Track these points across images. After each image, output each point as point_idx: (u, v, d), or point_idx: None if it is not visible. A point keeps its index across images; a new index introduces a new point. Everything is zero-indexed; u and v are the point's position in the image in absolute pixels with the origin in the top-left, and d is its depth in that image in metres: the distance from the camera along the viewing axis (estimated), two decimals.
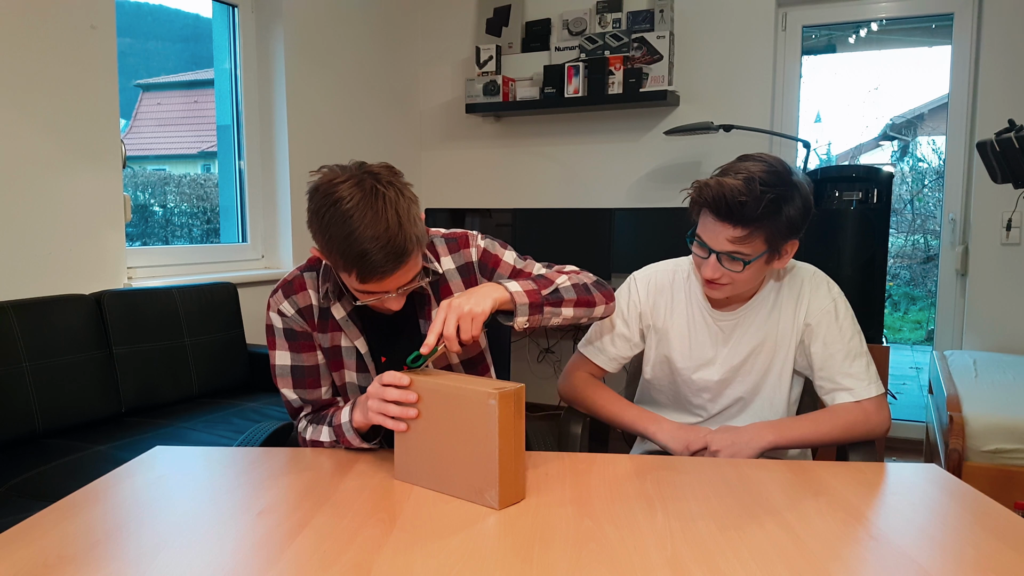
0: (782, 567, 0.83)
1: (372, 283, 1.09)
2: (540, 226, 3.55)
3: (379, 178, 1.08)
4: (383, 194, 1.06)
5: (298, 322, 1.28)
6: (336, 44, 3.32)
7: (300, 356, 1.29)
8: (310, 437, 1.28)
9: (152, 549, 0.86)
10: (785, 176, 1.26)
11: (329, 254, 1.09)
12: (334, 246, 1.07)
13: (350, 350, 1.29)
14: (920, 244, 4.16)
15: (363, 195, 1.05)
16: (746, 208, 1.23)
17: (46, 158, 2.13)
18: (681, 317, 1.47)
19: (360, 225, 1.04)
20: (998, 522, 0.96)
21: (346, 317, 1.27)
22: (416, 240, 1.09)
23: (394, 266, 1.07)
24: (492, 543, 0.88)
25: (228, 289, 2.52)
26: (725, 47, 3.34)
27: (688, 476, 1.13)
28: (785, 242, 1.30)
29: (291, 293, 1.28)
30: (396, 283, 1.12)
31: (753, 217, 1.23)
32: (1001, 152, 1.91)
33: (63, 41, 2.16)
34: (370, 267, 1.06)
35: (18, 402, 1.87)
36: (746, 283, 1.34)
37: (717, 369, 1.45)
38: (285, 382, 1.30)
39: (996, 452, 2.05)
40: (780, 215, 1.25)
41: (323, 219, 1.07)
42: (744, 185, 1.23)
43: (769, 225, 1.25)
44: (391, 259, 1.06)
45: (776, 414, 1.45)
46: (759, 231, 1.25)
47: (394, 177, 1.10)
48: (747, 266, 1.29)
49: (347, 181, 1.07)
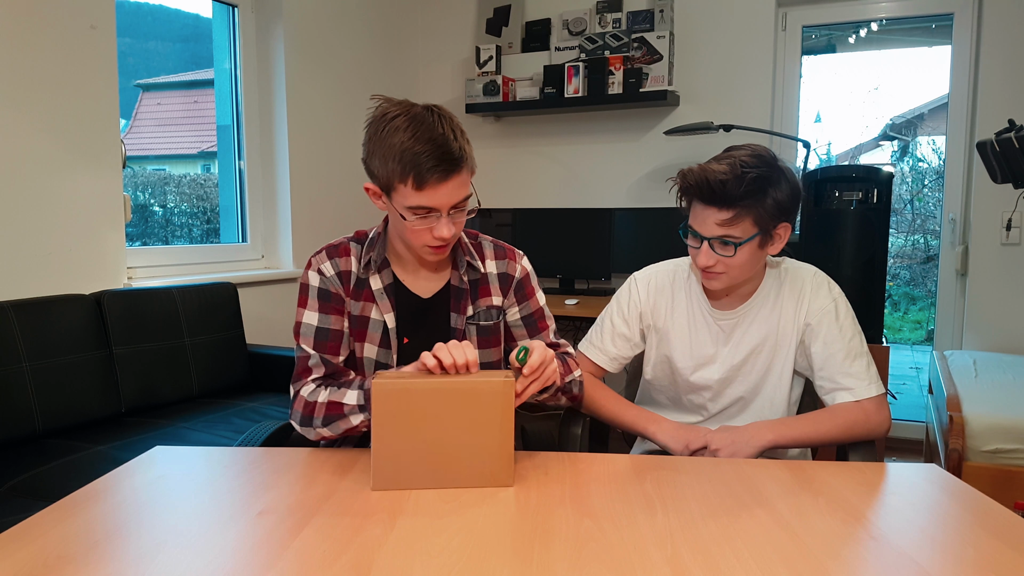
0: (782, 567, 0.83)
1: (427, 190, 1.15)
2: (540, 226, 3.55)
3: (430, 107, 1.18)
4: (437, 112, 1.17)
5: (335, 284, 1.30)
6: (336, 44, 3.32)
7: (328, 318, 1.30)
8: (327, 399, 1.22)
9: (152, 549, 0.86)
10: (769, 159, 1.28)
11: (386, 165, 1.15)
12: (392, 154, 1.14)
13: (377, 323, 1.31)
14: (920, 244, 4.16)
15: (418, 112, 1.16)
16: (728, 187, 1.24)
17: (46, 158, 2.13)
18: (682, 316, 1.48)
19: (417, 131, 1.13)
20: (998, 522, 0.96)
21: (382, 290, 1.30)
22: (468, 157, 1.18)
23: (447, 169, 1.14)
24: (492, 543, 0.88)
25: (228, 289, 2.52)
26: (725, 47, 3.34)
27: (688, 476, 1.13)
28: (776, 225, 1.31)
29: (335, 255, 1.32)
30: (448, 196, 1.17)
31: (737, 196, 1.25)
32: (1001, 152, 1.91)
33: (63, 41, 2.16)
34: (430, 166, 1.13)
35: (18, 402, 1.87)
36: (741, 270, 1.33)
37: (717, 368, 1.45)
38: (307, 340, 1.29)
39: (996, 452, 2.05)
40: (766, 195, 1.26)
41: (382, 135, 1.15)
42: (727, 167, 1.25)
43: (755, 205, 1.26)
44: (446, 160, 1.13)
45: (776, 414, 1.45)
46: (746, 212, 1.26)
47: (443, 111, 1.19)
48: (738, 249, 1.29)
49: (400, 105, 1.18)
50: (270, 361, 2.56)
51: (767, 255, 1.37)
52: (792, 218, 1.32)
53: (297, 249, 3.10)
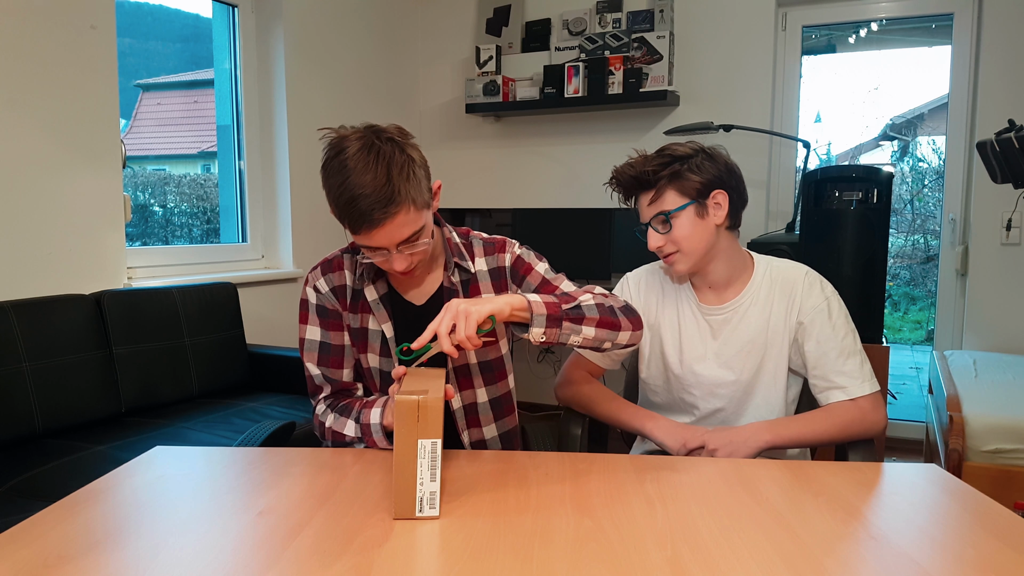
0: (782, 567, 0.83)
1: (363, 234, 1.13)
2: (540, 226, 3.55)
3: (381, 135, 1.13)
4: (379, 148, 1.11)
5: (331, 300, 1.32)
6: (336, 44, 3.32)
7: (328, 334, 1.32)
8: (331, 426, 1.29)
9: (152, 549, 0.86)
10: (680, 144, 1.40)
11: (331, 206, 1.15)
12: (331, 196, 1.14)
13: (376, 333, 1.32)
14: (920, 244, 4.16)
15: (360, 148, 1.11)
16: (638, 170, 1.38)
17: (46, 158, 2.13)
18: (672, 312, 1.50)
19: (348, 177, 1.10)
20: (998, 522, 0.96)
21: (377, 300, 1.31)
22: (409, 196, 1.12)
23: (380, 216, 1.10)
24: (492, 543, 0.88)
25: (228, 289, 2.52)
26: (725, 47, 3.34)
27: (688, 476, 1.13)
28: (707, 194, 1.37)
29: (328, 271, 1.33)
30: (388, 237, 1.14)
31: (651, 173, 1.37)
32: (1001, 152, 1.91)
33: (63, 41, 2.16)
34: (358, 215, 1.10)
35: (18, 402, 1.87)
36: (689, 242, 1.38)
37: (708, 364, 1.46)
38: (311, 356, 1.33)
39: (996, 452, 2.04)
40: (680, 167, 1.36)
41: (327, 171, 1.14)
42: (639, 158, 1.41)
43: (672, 179, 1.36)
44: (377, 207, 1.09)
45: (773, 414, 1.45)
46: (666, 187, 1.37)
47: (401, 137, 1.15)
48: (674, 222, 1.37)
49: (352, 136, 1.14)
50: (270, 361, 2.56)
51: (715, 226, 1.38)
52: (728, 188, 1.38)
53: (297, 249, 3.10)
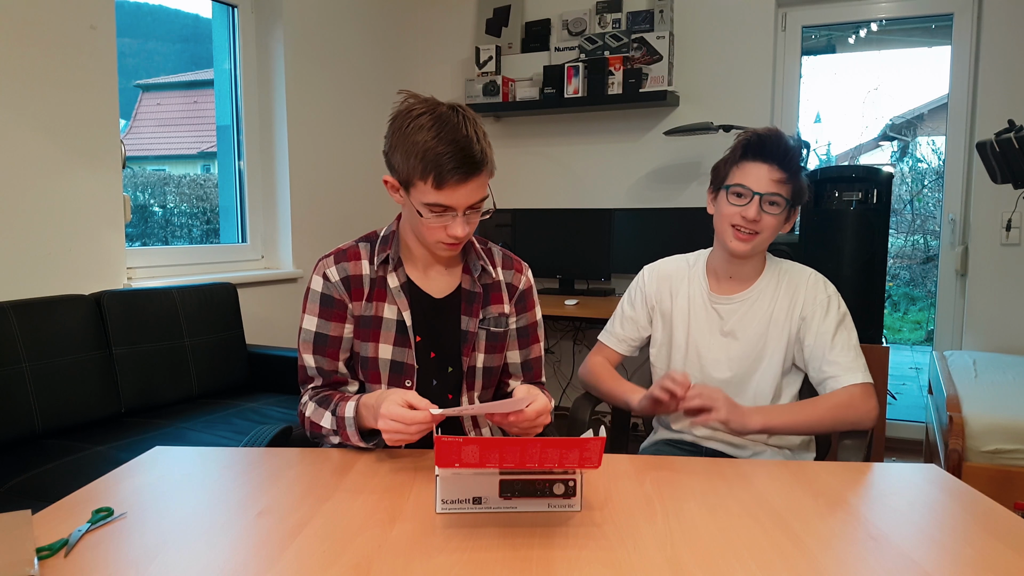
0: (782, 567, 0.83)
1: (446, 190, 1.16)
2: (540, 226, 3.55)
3: (455, 106, 1.19)
4: (462, 113, 1.17)
5: (339, 290, 1.30)
6: (336, 44, 3.32)
7: (328, 324, 1.31)
8: (310, 415, 1.28)
9: (152, 549, 0.86)
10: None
11: (408, 161, 1.16)
12: (415, 151, 1.15)
13: (391, 322, 1.31)
14: (920, 244, 4.16)
15: (443, 112, 1.16)
16: (791, 154, 1.42)
17: (46, 158, 2.13)
18: (683, 299, 1.57)
19: (441, 131, 1.14)
20: (998, 522, 0.96)
21: (399, 287, 1.30)
22: (490, 161, 1.19)
23: (467, 172, 1.15)
24: (492, 543, 0.88)
25: (228, 289, 2.52)
26: (725, 47, 3.34)
27: (688, 476, 1.13)
28: (796, 204, 1.46)
29: (343, 260, 1.32)
30: (466, 197, 1.18)
31: (793, 161, 1.42)
32: (1001, 152, 1.91)
33: (63, 41, 2.16)
34: (447, 170, 1.14)
35: (18, 402, 1.87)
36: (769, 235, 1.44)
37: (708, 350, 1.52)
38: (306, 347, 1.32)
39: (996, 452, 2.05)
40: (802, 175, 1.44)
41: (406, 131, 1.16)
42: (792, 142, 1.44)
43: (798, 179, 1.43)
44: (467, 163, 1.14)
45: (761, 404, 1.49)
46: (792, 180, 1.42)
47: (468, 112, 1.20)
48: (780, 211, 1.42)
49: (426, 103, 1.18)
50: (270, 361, 2.56)
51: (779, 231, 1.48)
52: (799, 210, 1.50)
53: (297, 249, 3.10)
